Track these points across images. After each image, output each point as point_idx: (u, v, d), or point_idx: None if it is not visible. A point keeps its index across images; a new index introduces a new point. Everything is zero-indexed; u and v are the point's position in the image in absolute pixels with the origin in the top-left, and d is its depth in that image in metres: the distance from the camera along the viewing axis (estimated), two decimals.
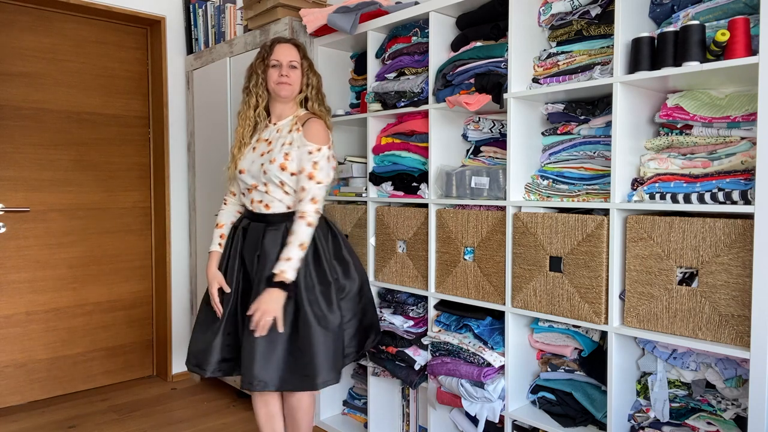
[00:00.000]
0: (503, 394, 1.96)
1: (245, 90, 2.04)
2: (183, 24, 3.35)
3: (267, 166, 1.93)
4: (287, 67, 1.97)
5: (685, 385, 1.68)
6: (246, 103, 2.03)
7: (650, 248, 1.61)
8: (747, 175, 1.47)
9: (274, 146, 1.97)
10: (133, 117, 3.33)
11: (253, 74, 2.02)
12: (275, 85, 1.97)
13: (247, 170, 1.99)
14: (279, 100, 2.02)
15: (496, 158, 2.14)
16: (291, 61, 1.98)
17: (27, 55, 2.97)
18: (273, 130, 2.02)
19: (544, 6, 1.90)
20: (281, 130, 2.00)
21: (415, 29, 2.25)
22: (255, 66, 2.01)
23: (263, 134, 2.03)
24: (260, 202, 1.98)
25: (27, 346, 3.03)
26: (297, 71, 1.99)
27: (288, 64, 1.98)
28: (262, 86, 2.00)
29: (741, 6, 1.50)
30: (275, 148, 1.96)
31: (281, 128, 2.01)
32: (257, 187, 1.97)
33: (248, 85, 2.03)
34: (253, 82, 2.01)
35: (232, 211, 2.13)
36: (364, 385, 2.61)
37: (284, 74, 1.96)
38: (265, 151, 1.98)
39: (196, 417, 2.88)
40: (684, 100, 1.63)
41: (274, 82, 1.97)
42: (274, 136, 2.00)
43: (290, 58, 1.98)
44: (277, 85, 1.97)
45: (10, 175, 2.94)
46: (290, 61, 1.98)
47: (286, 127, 2.01)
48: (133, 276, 3.36)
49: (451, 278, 2.12)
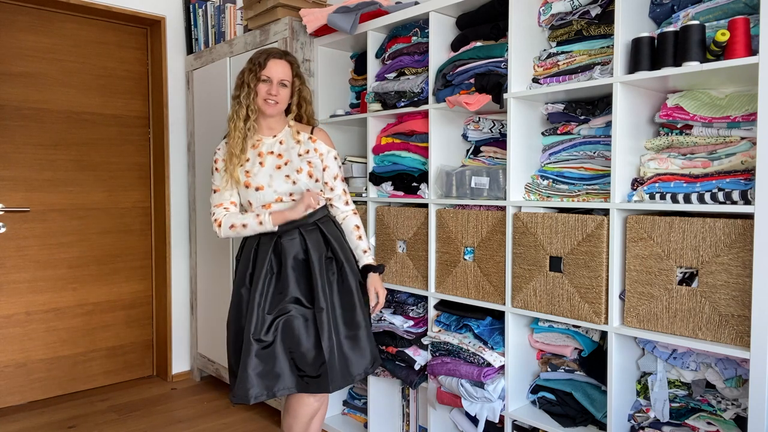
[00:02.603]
0: (503, 394, 1.96)
1: (235, 98, 1.99)
2: (183, 24, 3.35)
3: (295, 176, 1.96)
4: (277, 85, 1.95)
5: (685, 385, 1.68)
6: (236, 113, 1.97)
7: (650, 248, 1.61)
8: (747, 175, 1.47)
9: (289, 158, 1.97)
10: (133, 117, 3.33)
11: (244, 84, 1.96)
12: (262, 102, 1.95)
13: (266, 185, 1.95)
14: (265, 116, 2.00)
15: (496, 158, 2.14)
16: (282, 80, 1.95)
17: (27, 55, 2.97)
18: (274, 143, 2.01)
19: (544, 6, 1.90)
20: (285, 142, 2.00)
21: (415, 29, 2.25)
22: (246, 77, 1.96)
23: (263, 148, 1.99)
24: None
25: (27, 346, 3.02)
26: (287, 89, 1.98)
27: (279, 82, 1.95)
28: (253, 99, 1.95)
29: (741, 6, 1.50)
30: (293, 159, 1.97)
31: (284, 140, 2.01)
32: (282, 200, 1.97)
33: (239, 95, 1.97)
34: (244, 93, 1.96)
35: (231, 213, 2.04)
36: (364, 385, 2.61)
37: (273, 93, 1.94)
38: (281, 164, 1.97)
39: (196, 417, 2.88)
40: (684, 100, 1.63)
41: (262, 98, 1.95)
42: (281, 148, 2.00)
43: (281, 77, 1.95)
44: (265, 102, 1.95)
45: (10, 175, 2.94)
46: (281, 79, 1.95)
47: (289, 138, 2.01)
48: (133, 276, 3.36)
49: (451, 278, 2.12)
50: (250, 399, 1.86)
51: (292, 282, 1.92)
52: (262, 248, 1.97)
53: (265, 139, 2.02)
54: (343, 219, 2.09)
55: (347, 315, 1.97)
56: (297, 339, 1.89)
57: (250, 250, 2.00)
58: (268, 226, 1.93)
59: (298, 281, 1.93)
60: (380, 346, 2.32)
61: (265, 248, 1.95)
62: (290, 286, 1.92)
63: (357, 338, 1.97)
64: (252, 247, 1.99)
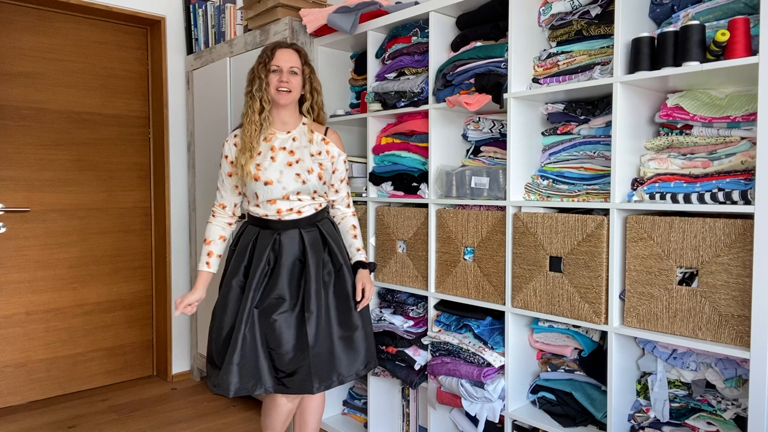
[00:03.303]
0: (503, 394, 1.96)
1: (248, 94, 1.99)
2: (183, 24, 3.35)
3: (306, 176, 1.96)
4: (288, 73, 1.95)
5: (685, 385, 1.68)
6: (250, 107, 1.96)
7: (650, 248, 1.61)
8: (747, 175, 1.47)
9: (301, 156, 1.97)
10: (133, 117, 3.33)
11: (255, 78, 1.97)
12: (275, 92, 1.95)
13: (276, 181, 1.94)
14: (279, 107, 1.99)
15: (496, 158, 2.14)
16: (292, 67, 1.96)
17: (27, 55, 2.97)
18: (287, 139, 2.00)
19: (544, 6, 1.90)
20: (298, 139, 2.00)
21: (415, 29, 2.25)
22: (257, 70, 1.97)
23: (275, 142, 1.98)
24: (290, 210, 1.97)
25: (27, 346, 3.02)
26: (298, 77, 1.97)
27: (288, 70, 1.95)
28: (266, 90, 1.95)
29: (741, 6, 1.50)
30: (305, 159, 1.98)
31: (297, 137, 2.01)
32: (288, 197, 1.96)
33: (251, 89, 1.98)
34: (257, 86, 1.96)
35: (222, 224, 2.05)
36: (364, 385, 2.61)
37: (284, 80, 1.94)
38: (292, 161, 1.97)
39: (196, 417, 2.88)
40: (684, 100, 1.63)
41: (274, 88, 1.95)
42: (293, 145, 1.99)
43: (291, 64, 1.96)
44: (277, 91, 1.95)
45: (10, 175, 2.94)
46: (291, 67, 1.95)
47: (303, 136, 2.01)
48: (133, 276, 3.36)
49: (451, 278, 2.12)
50: (230, 392, 1.86)
51: (285, 281, 1.93)
52: (260, 242, 1.97)
53: (279, 134, 2.00)
54: (342, 219, 2.12)
55: (342, 317, 1.97)
56: (279, 339, 1.89)
57: (247, 242, 1.99)
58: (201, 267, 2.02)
59: (290, 282, 1.93)
60: (380, 346, 2.32)
61: (264, 243, 1.96)
62: (282, 285, 1.92)
63: (352, 339, 1.97)
64: (250, 239, 1.99)
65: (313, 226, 2.01)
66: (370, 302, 2.43)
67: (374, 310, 2.41)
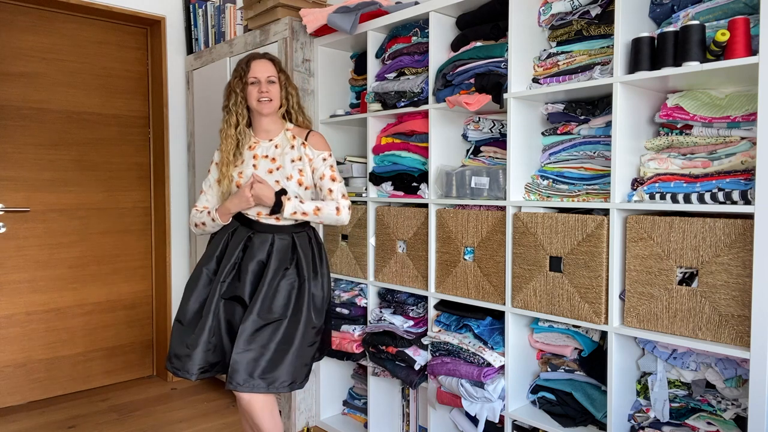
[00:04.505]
0: (503, 394, 1.96)
1: (225, 109, 2.05)
2: (183, 24, 3.35)
3: (284, 183, 1.99)
4: (266, 83, 2.00)
5: (685, 385, 1.68)
6: (227, 122, 2.04)
7: (650, 248, 1.61)
8: (747, 175, 1.47)
9: (282, 163, 2.01)
10: (133, 117, 3.33)
11: (231, 93, 2.03)
12: (257, 103, 2.00)
13: None
14: (262, 117, 2.04)
15: (496, 158, 2.14)
16: (269, 77, 2.00)
17: (27, 55, 2.97)
18: (270, 147, 2.05)
19: (544, 6, 1.90)
20: (280, 147, 2.04)
21: (415, 29, 2.25)
22: (233, 84, 2.03)
23: (258, 150, 2.04)
24: (269, 215, 2.01)
25: (27, 346, 3.02)
26: (275, 86, 2.02)
27: (266, 80, 2.00)
28: (242, 104, 2.02)
29: (741, 6, 1.50)
30: (285, 165, 2.01)
31: (280, 145, 2.05)
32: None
33: (228, 104, 2.04)
34: (233, 101, 2.02)
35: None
36: (364, 385, 2.61)
37: (264, 90, 1.99)
38: (273, 169, 2.01)
39: (196, 417, 2.88)
40: (684, 100, 1.63)
41: (255, 99, 1.99)
42: (275, 152, 2.03)
43: (268, 74, 2.00)
44: (258, 102, 1.99)
45: (10, 175, 2.94)
46: (268, 76, 2.00)
47: (285, 143, 2.05)
48: (132, 276, 3.36)
49: (451, 278, 2.12)
50: (193, 375, 1.91)
51: (247, 281, 1.97)
52: (235, 237, 2.04)
53: (262, 142, 2.06)
54: None
55: (288, 329, 1.94)
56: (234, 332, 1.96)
57: (224, 232, 2.06)
58: (219, 221, 2.03)
59: (252, 282, 1.98)
60: (380, 346, 2.32)
61: (238, 239, 2.02)
62: (244, 284, 1.97)
63: (284, 353, 1.92)
64: (228, 230, 2.06)
65: (288, 235, 2.03)
66: (371, 302, 2.43)
67: (374, 310, 2.41)
